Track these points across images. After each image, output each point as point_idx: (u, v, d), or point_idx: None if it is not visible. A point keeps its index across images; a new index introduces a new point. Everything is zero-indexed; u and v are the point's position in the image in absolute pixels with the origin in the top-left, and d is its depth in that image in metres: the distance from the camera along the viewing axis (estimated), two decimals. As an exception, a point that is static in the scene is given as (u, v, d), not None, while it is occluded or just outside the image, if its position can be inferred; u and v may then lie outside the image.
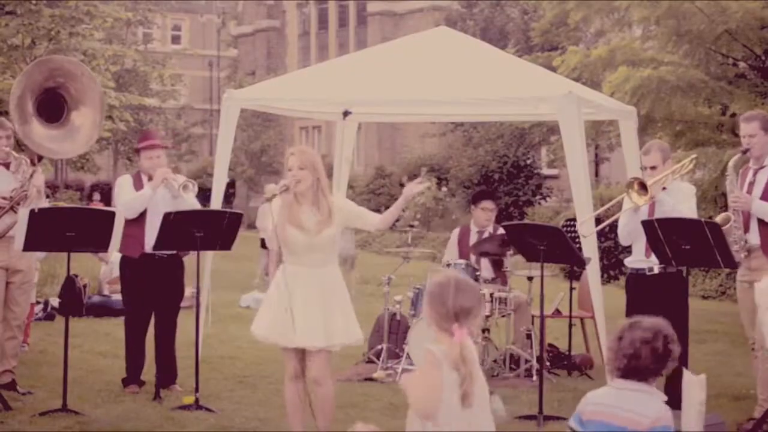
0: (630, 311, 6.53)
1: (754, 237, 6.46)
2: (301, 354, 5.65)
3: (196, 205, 7.40)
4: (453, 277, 3.78)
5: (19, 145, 7.44)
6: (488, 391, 3.79)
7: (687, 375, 5.05)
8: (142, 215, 7.34)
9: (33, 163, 7.25)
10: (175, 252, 7.42)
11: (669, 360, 3.61)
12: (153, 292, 7.39)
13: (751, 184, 6.55)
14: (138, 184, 7.48)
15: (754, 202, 6.44)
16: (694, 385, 4.63)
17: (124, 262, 7.56)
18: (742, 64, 12.87)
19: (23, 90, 7.05)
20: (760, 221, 6.43)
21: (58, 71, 7.25)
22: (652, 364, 3.58)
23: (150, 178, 7.43)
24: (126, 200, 7.31)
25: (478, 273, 8.47)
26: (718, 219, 6.61)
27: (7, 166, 7.22)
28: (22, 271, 7.30)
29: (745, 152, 6.58)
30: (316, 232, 5.61)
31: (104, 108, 8.42)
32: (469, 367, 3.66)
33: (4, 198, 7.08)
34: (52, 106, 7.23)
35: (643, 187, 6.49)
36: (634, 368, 3.60)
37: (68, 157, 15.14)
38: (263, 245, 15.86)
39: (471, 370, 3.67)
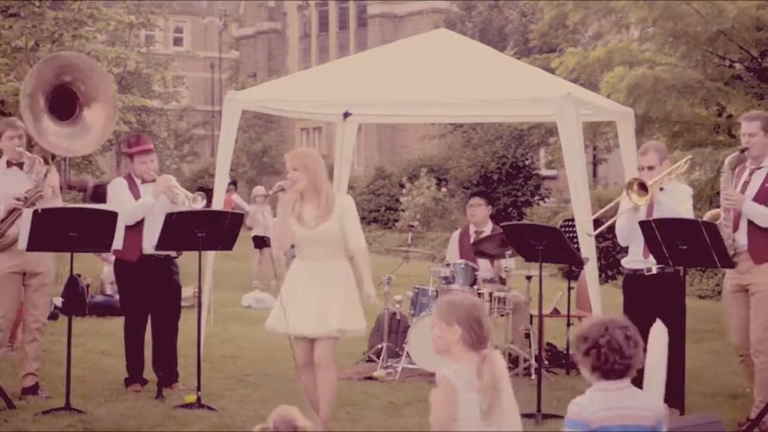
0: (627, 311, 6.52)
1: (741, 237, 6.40)
2: (310, 344, 5.95)
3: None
4: (476, 300, 3.99)
5: (30, 145, 7.37)
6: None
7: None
8: (140, 220, 7.36)
9: (47, 162, 7.15)
10: (168, 253, 7.43)
11: (642, 352, 3.64)
12: (149, 293, 7.43)
13: (746, 183, 6.49)
14: (132, 188, 7.47)
15: (746, 202, 6.36)
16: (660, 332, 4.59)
17: (120, 266, 7.59)
18: (738, 66, 12.93)
19: (33, 89, 6.98)
20: (750, 222, 6.37)
21: (67, 68, 7.19)
22: (633, 359, 3.60)
23: (143, 181, 7.47)
24: (128, 209, 7.19)
25: (477, 273, 8.53)
26: (708, 215, 6.58)
27: (20, 166, 7.12)
28: (40, 273, 7.19)
29: (743, 151, 6.50)
30: (314, 226, 5.92)
31: (116, 104, 8.24)
32: (494, 382, 3.78)
33: (18, 199, 6.97)
34: (64, 103, 7.14)
35: (642, 187, 6.48)
36: (620, 367, 3.59)
37: (81, 155, 15.03)
38: (256, 246, 15.91)
39: (497, 386, 3.79)
